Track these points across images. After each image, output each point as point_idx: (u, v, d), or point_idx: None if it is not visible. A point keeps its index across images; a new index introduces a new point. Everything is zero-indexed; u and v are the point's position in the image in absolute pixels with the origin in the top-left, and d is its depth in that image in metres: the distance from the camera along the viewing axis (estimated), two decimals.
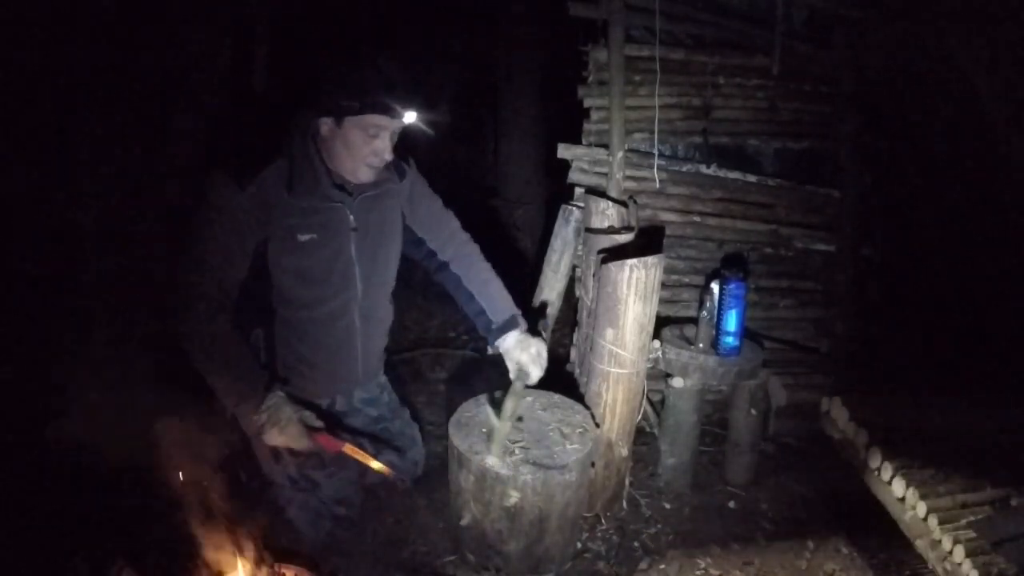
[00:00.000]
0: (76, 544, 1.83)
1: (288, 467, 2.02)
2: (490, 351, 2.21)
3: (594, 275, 2.39)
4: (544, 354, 2.11)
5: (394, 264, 2.19)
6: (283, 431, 1.80)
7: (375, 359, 2.25)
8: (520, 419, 2.08)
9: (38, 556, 1.79)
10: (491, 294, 2.22)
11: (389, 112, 1.83)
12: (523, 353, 2.09)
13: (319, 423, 1.86)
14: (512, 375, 2.08)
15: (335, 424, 2.00)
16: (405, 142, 2.00)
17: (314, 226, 1.93)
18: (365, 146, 1.87)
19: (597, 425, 2.20)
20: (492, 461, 1.90)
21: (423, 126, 1.91)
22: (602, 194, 2.71)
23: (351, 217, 1.99)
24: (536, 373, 2.09)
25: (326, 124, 1.86)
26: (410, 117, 1.86)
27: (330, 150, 1.90)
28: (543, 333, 2.33)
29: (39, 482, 2.00)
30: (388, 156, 1.90)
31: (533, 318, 2.90)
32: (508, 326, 2.15)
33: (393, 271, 2.20)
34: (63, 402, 2.16)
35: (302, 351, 2.03)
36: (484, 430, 2.03)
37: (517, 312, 2.20)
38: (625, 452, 2.32)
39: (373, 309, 2.15)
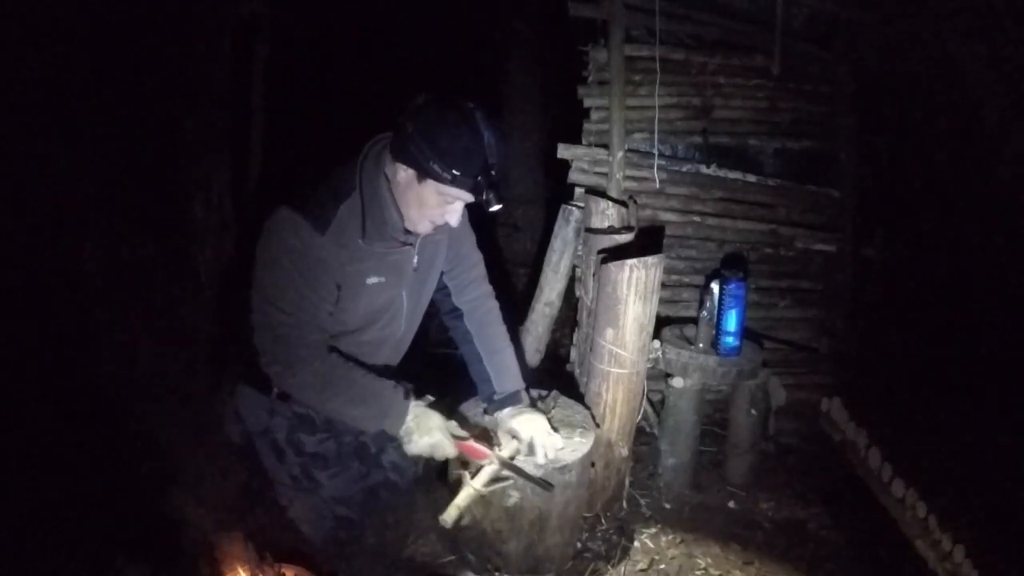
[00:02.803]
0: (75, 544, 1.83)
1: (291, 466, 2.02)
2: (486, 418, 2.11)
3: (594, 275, 2.39)
4: (556, 439, 1.97)
5: (430, 297, 2.14)
6: (431, 441, 1.81)
7: (390, 374, 2.25)
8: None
9: (37, 556, 1.79)
10: (502, 364, 2.11)
11: (478, 194, 1.72)
12: (530, 431, 1.94)
13: (464, 432, 1.86)
14: (503, 447, 1.94)
15: (481, 434, 1.96)
16: None
17: (382, 269, 1.89)
18: (437, 208, 1.79)
19: (597, 425, 2.20)
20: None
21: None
22: (602, 194, 2.71)
23: (415, 259, 1.95)
24: (541, 456, 1.92)
25: (405, 172, 1.75)
26: (495, 207, 1.75)
27: (400, 196, 1.81)
28: (554, 403, 2.20)
29: (42, 479, 2.00)
30: (455, 223, 1.83)
31: (534, 318, 2.91)
32: (511, 400, 2.06)
33: (427, 304, 2.15)
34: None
35: None
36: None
37: (523, 386, 2.11)
38: (625, 452, 2.32)
39: (406, 340, 2.14)
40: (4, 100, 2.14)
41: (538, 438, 1.93)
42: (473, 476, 1.81)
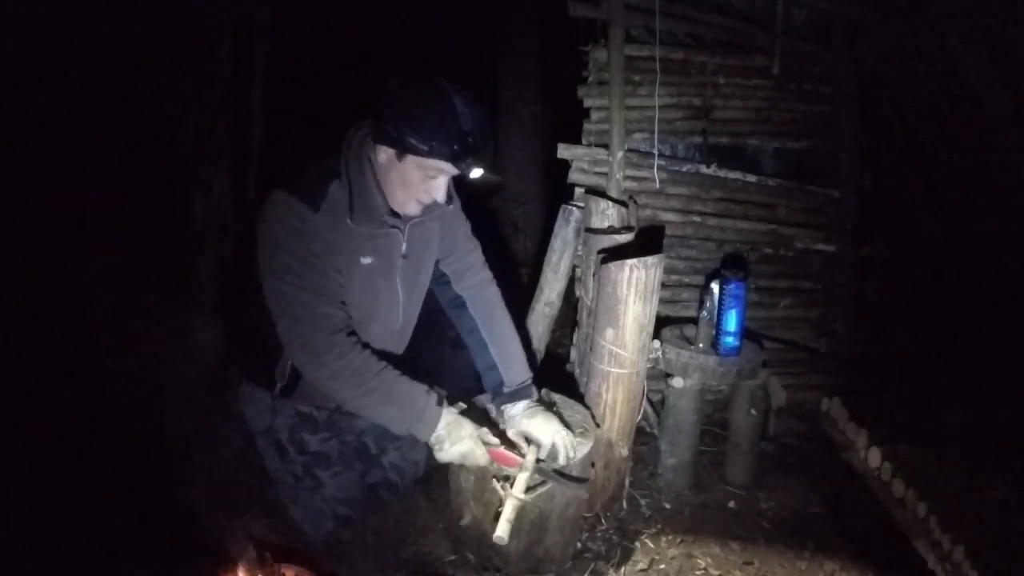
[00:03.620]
0: (76, 545, 1.83)
1: (294, 465, 2.02)
2: (493, 414, 2.07)
3: (594, 275, 2.39)
4: (571, 438, 1.93)
5: (426, 288, 2.13)
6: (462, 450, 1.80)
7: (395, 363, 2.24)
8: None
9: (39, 557, 1.79)
10: (508, 352, 2.08)
11: (457, 163, 1.73)
12: (543, 432, 1.92)
13: (495, 439, 1.84)
14: (523, 448, 1.91)
15: (508, 440, 1.93)
16: None
17: (372, 249, 1.90)
18: (420, 184, 1.80)
19: (597, 425, 2.20)
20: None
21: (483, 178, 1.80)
22: (602, 194, 2.71)
23: (404, 244, 1.96)
24: (563, 457, 1.90)
25: (385, 153, 1.78)
26: (476, 173, 1.76)
27: (384, 177, 1.83)
28: (547, 400, 2.18)
29: (44, 481, 2.00)
30: (441, 199, 1.84)
31: (534, 318, 2.90)
32: (521, 394, 2.03)
33: (424, 295, 2.14)
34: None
35: None
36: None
37: (531, 377, 2.08)
38: (625, 452, 2.32)
39: (406, 332, 2.13)
40: (5, 101, 2.14)
41: (557, 440, 1.91)
42: (511, 486, 1.79)
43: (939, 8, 2.44)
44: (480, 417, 1.96)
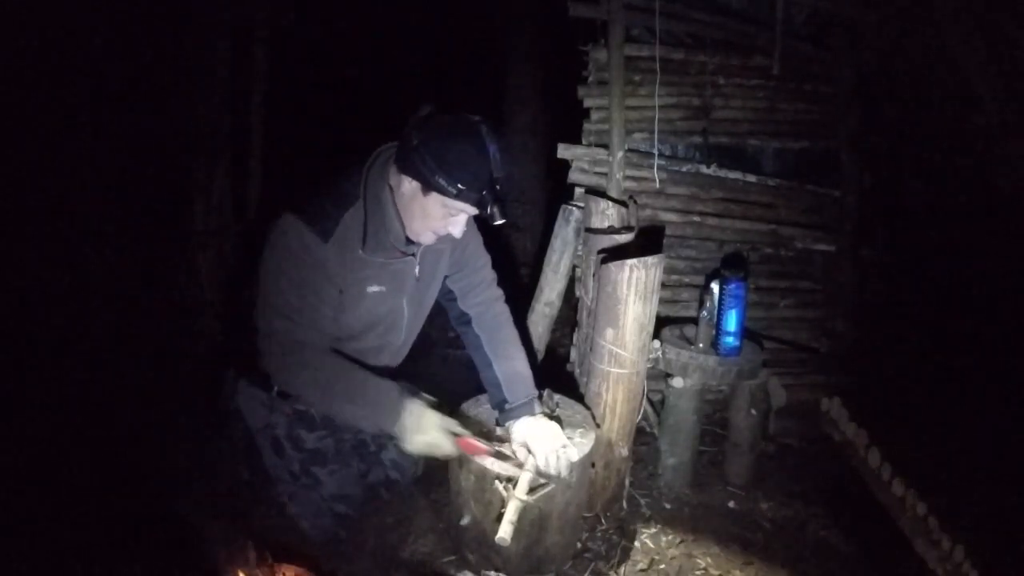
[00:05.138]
0: (76, 546, 1.83)
1: (291, 462, 2.03)
2: (498, 431, 2.04)
3: (594, 275, 2.39)
4: (571, 452, 1.89)
5: (432, 304, 2.14)
6: (427, 439, 1.81)
7: (390, 375, 2.24)
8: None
9: (38, 558, 1.79)
10: (513, 371, 2.06)
11: (483, 208, 1.72)
12: (542, 446, 1.88)
13: (461, 429, 1.85)
14: (521, 457, 1.90)
15: (480, 429, 1.94)
16: None
17: (383, 278, 1.90)
18: (441, 219, 1.79)
19: (597, 425, 2.20)
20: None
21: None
22: (602, 194, 2.71)
23: (417, 269, 1.96)
24: (558, 472, 1.86)
25: (410, 184, 1.75)
26: (500, 221, 1.75)
27: (404, 207, 1.81)
28: (550, 403, 2.14)
29: (43, 482, 2.01)
30: (458, 235, 1.84)
31: (534, 318, 2.91)
32: (522, 410, 1.99)
33: (429, 310, 2.14)
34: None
35: None
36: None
37: (535, 395, 2.05)
38: (625, 452, 2.32)
39: (406, 346, 2.14)
40: (6, 102, 2.14)
41: (551, 460, 1.88)
42: (513, 487, 1.79)
43: (939, 8, 2.44)
44: (458, 415, 1.98)
